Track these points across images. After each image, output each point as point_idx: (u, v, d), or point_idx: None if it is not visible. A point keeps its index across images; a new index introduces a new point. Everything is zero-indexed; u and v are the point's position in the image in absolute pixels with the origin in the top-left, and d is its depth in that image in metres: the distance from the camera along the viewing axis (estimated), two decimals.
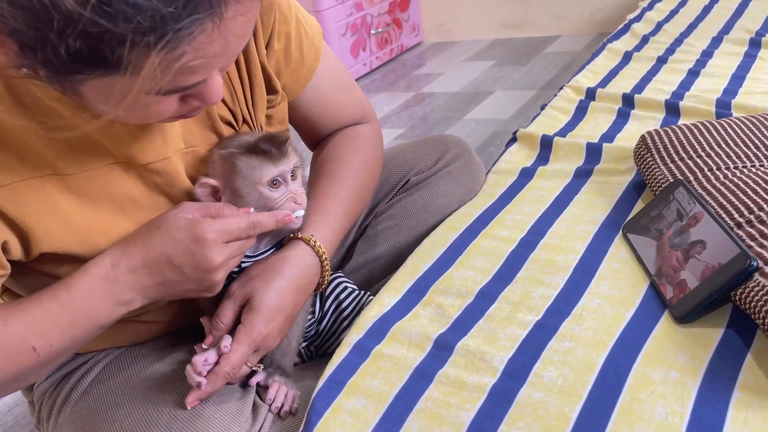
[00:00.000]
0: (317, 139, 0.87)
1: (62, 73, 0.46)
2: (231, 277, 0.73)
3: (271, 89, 0.74)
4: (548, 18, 2.98)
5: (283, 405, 0.71)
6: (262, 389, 0.73)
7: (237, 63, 0.70)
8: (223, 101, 0.70)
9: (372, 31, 2.84)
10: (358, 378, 0.67)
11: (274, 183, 0.68)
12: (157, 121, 0.58)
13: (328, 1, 2.57)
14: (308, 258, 0.72)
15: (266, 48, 0.72)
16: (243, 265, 0.72)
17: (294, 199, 0.69)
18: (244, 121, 0.72)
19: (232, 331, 0.68)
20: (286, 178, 0.69)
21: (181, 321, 0.78)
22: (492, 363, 0.65)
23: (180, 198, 0.68)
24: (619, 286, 0.73)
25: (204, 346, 0.67)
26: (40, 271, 0.64)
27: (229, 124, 0.71)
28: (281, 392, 0.72)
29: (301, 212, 0.70)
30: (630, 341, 0.65)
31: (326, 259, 0.74)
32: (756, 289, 0.61)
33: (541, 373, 0.63)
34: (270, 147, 0.67)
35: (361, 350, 0.70)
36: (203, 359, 0.65)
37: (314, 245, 0.73)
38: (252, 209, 0.67)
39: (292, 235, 0.73)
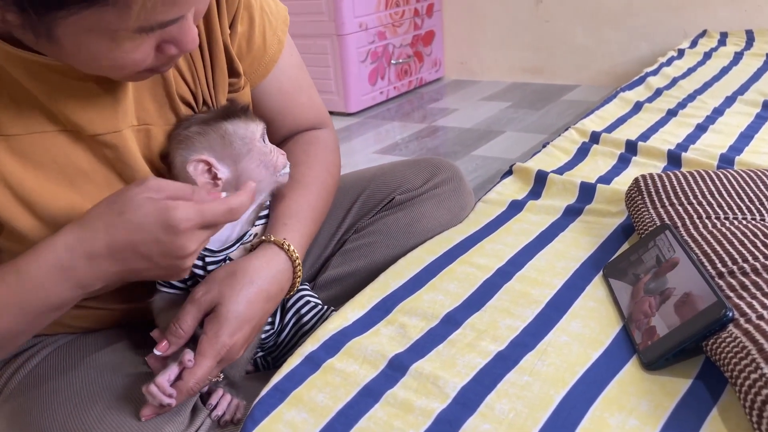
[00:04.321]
0: (276, 139, 0.85)
1: (43, 10, 0.44)
2: (194, 278, 0.71)
3: (233, 72, 0.73)
4: (569, 67, 2.98)
5: (225, 414, 0.68)
6: (206, 394, 0.70)
7: (199, 42, 0.69)
8: (184, 80, 0.69)
9: (392, 61, 2.86)
10: (303, 390, 0.64)
11: (263, 139, 0.70)
12: (131, 73, 0.55)
13: (351, 26, 2.59)
14: (281, 263, 0.69)
15: (230, 29, 0.71)
16: (207, 260, 0.70)
17: (280, 152, 0.72)
18: (204, 102, 0.71)
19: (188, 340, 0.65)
20: (264, 135, 0.71)
21: (134, 313, 0.75)
22: (444, 389, 0.62)
23: (131, 175, 0.65)
24: (591, 326, 0.69)
25: (157, 353, 0.63)
26: None
27: (188, 104, 0.70)
28: (225, 400, 0.69)
29: (288, 168, 0.72)
30: (592, 382, 0.61)
31: (299, 264, 0.71)
32: (728, 340, 0.57)
33: (493, 404, 0.59)
34: (243, 109, 0.70)
35: (312, 362, 0.67)
36: (166, 378, 0.61)
37: (288, 249, 0.70)
38: (224, 194, 0.63)
39: (263, 237, 0.71)
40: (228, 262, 0.70)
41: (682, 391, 0.59)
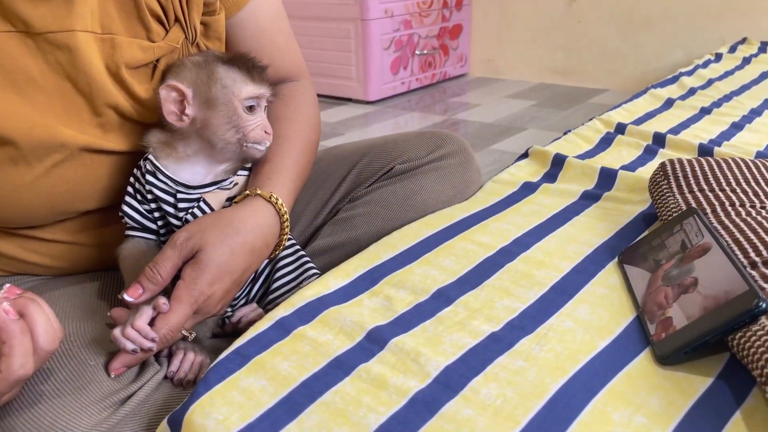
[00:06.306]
0: None
1: None
2: (167, 222, 0.65)
3: None
4: (599, 70, 2.88)
5: (187, 374, 0.61)
6: (167, 356, 0.63)
7: None
8: None
9: (417, 52, 2.78)
10: (267, 356, 0.56)
11: (249, 106, 0.64)
12: None
13: (377, 12, 2.52)
14: (269, 218, 0.65)
15: None
16: (180, 196, 0.65)
17: (264, 128, 0.66)
18: (177, 20, 0.66)
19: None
20: (261, 103, 0.66)
21: (104, 255, 0.69)
22: (425, 367, 0.54)
23: (86, 84, 0.59)
24: (600, 313, 0.61)
25: (128, 298, 0.57)
26: None
27: (158, 19, 0.64)
28: (187, 360, 0.62)
29: (267, 144, 0.67)
30: (596, 372, 0.53)
31: (287, 219, 0.67)
32: (759, 333, 0.49)
33: (479, 388, 0.51)
34: (252, 66, 0.65)
35: (283, 328, 0.60)
36: (144, 321, 0.56)
37: (276, 202, 0.66)
38: None
39: (248, 191, 0.66)
40: (202, 203, 0.66)
41: (700, 389, 0.51)
